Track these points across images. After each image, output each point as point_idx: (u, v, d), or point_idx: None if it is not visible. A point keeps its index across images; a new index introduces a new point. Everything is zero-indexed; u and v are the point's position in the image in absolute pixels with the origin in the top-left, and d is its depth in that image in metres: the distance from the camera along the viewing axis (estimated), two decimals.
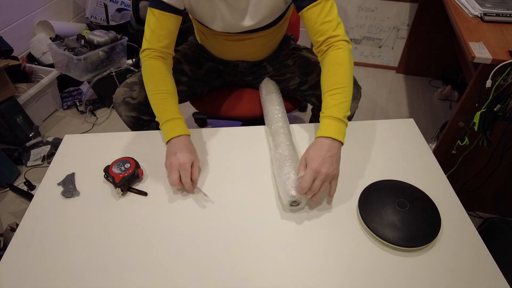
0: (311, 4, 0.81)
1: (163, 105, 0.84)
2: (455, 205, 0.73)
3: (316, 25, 0.82)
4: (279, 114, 0.92)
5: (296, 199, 0.70)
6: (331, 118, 0.74)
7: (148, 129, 1.05)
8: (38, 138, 1.79)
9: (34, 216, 0.75)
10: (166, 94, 0.85)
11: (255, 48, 1.07)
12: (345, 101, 0.76)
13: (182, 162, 0.75)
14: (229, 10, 0.90)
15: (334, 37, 0.81)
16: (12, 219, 1.46)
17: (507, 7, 1.13)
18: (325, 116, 0.75)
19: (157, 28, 0.87)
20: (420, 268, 0.63)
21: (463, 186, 1.32)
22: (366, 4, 2.07)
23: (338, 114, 0.74)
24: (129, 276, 0.64)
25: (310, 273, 0.63)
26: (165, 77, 0.88)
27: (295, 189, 0.70)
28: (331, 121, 0.74)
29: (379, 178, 0.78)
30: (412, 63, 2.22)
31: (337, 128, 0.74)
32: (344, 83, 0.78)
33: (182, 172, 0.75)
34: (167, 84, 0.87)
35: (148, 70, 0.88)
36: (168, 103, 0.85)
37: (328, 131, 0.73)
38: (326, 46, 0.82)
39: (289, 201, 0.71)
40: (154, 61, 0.88)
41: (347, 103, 0.76)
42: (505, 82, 0.96)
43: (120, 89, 1.01)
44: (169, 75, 0.89)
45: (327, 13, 0.81)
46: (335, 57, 0.80)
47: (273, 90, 1.04)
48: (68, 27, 2.16)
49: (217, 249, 0.67)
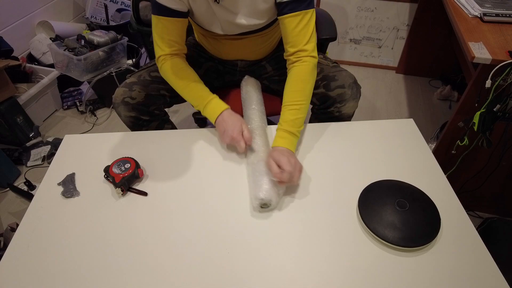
0: (291, 13, 0.85)
1: (195, 93, 0.92)
2: (454, 205, 0.74)
3: (291, 35, 0.87)
4: (256, 114, 0.94)
5: (266, 202, 0.72)
6: (286, 132, 0.83)
7: (147, 129, 1.05)
8: (38, 138, 1.79)
9: (34, 216, 0.75)
10: (193, 84, 0.92)
11: (254, 47, 1.07)
12: (301, 117, 0.85)
13: (232, 137, 0.83)
14: (224, 13, 0.91)
15: (303, 51, 0.87)
16: (12, 219, 1.46)
17: (506, 7, 1.13)
18: (281, 129, 0.84)
19: (166, 34, 0.90)
20: (420, 268, 0.63)
21: (463, 186, 1.32)
22: (366, 4, 2.08)
23: (292, 129, 0.83)
24: (129, 276, 0.64)
25: (310, 273, 0.63)
26: (184, 71, 0.93)
27: (264, 191, 0.72)
28: (286, 134, 0.83)
29: (379, 178, 0.78)
30: (411, 63, 2.23)
31: (290, 141, 0.82)
32: (302, 100, 0.86)
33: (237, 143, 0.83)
34: (190, 75, 0.93)
35: (168, 71, 0.93)
36: (198, 91, 0.92)
37: (283, 143, 0.82)
38: (295, 57, 0.88)
39: (259, 204, 0.72)
40: (170, 61, 0.93)
41: (302, 119, 0.86)
42: (505, 82, 0.97)
43: (119, 89, 1.01)
44: (186, 67, 0.95)
45: (303, 26, 0.85)
46: (300, 72, 0.88)
47: (253, 89, 1.04)
48: (68, 27, 2.16)
49: (217, 249, 0.67)
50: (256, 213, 0.74)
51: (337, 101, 0.98)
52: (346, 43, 2.29)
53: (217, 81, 1.21)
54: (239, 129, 0.84)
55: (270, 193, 0.72)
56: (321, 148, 0.88)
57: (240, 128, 0.84)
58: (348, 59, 2.37)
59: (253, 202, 0.74)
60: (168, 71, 0.93)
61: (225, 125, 0.85)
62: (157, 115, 1.06)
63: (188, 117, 1.96)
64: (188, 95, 0.93)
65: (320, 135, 0.92)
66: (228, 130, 0.84)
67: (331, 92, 0.98)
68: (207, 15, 0.93)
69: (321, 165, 0.84)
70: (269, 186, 0.73)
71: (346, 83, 0.98)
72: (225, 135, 0.85)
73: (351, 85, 0.98)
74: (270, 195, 0.72)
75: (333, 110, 1.01)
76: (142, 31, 1.93)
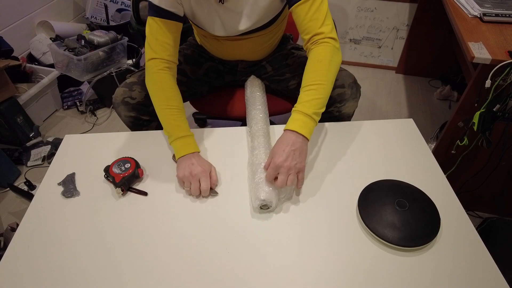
0: (300, 1, 0.82)
1: (175, 121, 0.85)
2: (454, 205, 0.74)
3: (304, 22, 0.83)
4: (260, 115, 0.92)
5: (266, 203, 0.71)
6: (300, 113, 0.76)
7: (147, 129, 1.05)
8: (38, 138, 1.79)
9: (35, 216, 0.75)
10: (176, 110, 0.86)
11: (254, 48, 1.07)
12: (318, 98, 0.78)
13: (202, 170, 0.77)
14: (227, 13, 0.91)
15: (319, 35, 0.82)
16: (12, 219, 1.46)
17: (506, 7, 1.13)
18: (295, 111, 0.78)
19: (160, 35, 0.87)
20: (419, 268, 0.63)
21: (463, 186, 1.32)
22: (366, 5, 2.08)
23: (307, 110, 0.76)
24: (129, 275, 0.64)
25: (310, 273, 0.63)
26: (174, 91, 0.88)
27: (265, 192, 0.71)
28: (299, 116, 0.76)
29: (378, 178, 0.78)
30: (411, 63, 2.23)
31: (303, 123, 0.75)
32: (320, 80, 0.79)
33: (203, 179, 0.77)
34: (176, 99, 0.88)
35: (157, 83, 0.88)
36: (178, 119, 0.86)
37: (294, 125, 0.75)
38: (312, 43, 0.83)
39: (259, 205, 0.72)
40: (163, 74, 0.88)
41: (319, 100, 0.78)
42: (504, 82, 0.97)
43: (119, 89, 1.01)
44: (177, 89, 0.90)
45: (315, 11, 0.81)
46: (316, 54, 0.81)
47: (258, 89, 1.03)
48: (68, 27, 2.16)
49: (217, 249, 0.67)
50: (256, 213, 0.74)
51: (337, 101, 0.99)
52: (346, 43, 2.29)
53: (217, 81, 1.21)
54: (209, 166, 0.81)
55: (271, 194, 0.72)
56: (321, 148, 0.88)
57: (210, 167, 0.81)
58: (348, 59, 2.37)
59: (253, 203, 0.74)
60: (158, 83, 0.87)
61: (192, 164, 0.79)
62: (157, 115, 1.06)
63: (188, 117, 1.96)
64: (166, 117, 0.86)
65: (320, 135, 0.92)
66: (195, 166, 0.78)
67: (331, 91, 0.98)
68: (210, 17, 0.93)
69: (321, 165, 0.84)
70: (270, 187, 0.73)
71: (346, 83, 0.98)
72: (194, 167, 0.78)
73: (351, 85, 0.98)
74: (271, 196, 0.72)
75: (333, 110, 1.01)
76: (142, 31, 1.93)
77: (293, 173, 0.72)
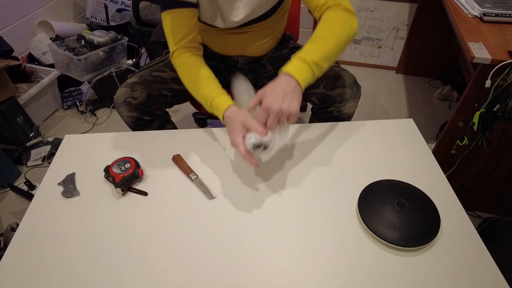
0: None
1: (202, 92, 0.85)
2: (454, 205, 0.74)
3: None
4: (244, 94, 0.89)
5: (257, 142, 0.68)
6: (298, 59, 0.73)
7: (149, 129, 1.05)
8: (38, 138, 1.80)
9: (34, 216, 0.75)
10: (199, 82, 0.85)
11: (256, 42, 1.06)
12: (320, 50, 0.74)
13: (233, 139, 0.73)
14: (228, 1, 0.90)
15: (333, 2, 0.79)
16: (12, 219, 1.46)
17: (506, 7, 1.13)
18: (294, 56, 0.74)
19: (177, 27, 0.87)
20: (419, 268, 0.63)
21: (463, 186, 1.32)
22: (366, 5, 2.08)
23: (306, 56, 0.73)
24: (129, 275, 0.64)
25: (310, 273, 0.63)
26: (195, 68, 0.88)
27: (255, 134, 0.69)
28: (297, 61, 0.73)
29: (378, 178, 0.78)
30: (411, 63, 2.23)
31: (300, 68, 0.72)
32: (326, 36, 0.76)
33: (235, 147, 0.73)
34: (199, 73, 0.87)
35: (179, 69, 0.89)
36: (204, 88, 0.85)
37: (289, 68, 0.72)
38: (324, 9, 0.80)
39: (251, 144, 0.69)
40: (181, 58, 0.88)
41: (321, 53, 0.74)
42: (505, 82, 0.97)
43: (121, 90, 1.01)
44: (198, 63, 0.89)
45: None
46: (327, 16, 0.78)
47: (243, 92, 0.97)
48: (68, 27, 2.16)
49: (217, 249, 0.67)
50: (256, 213, 0.74)
51: (337, 100, 0.99)
52: None
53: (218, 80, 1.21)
54: (238, 130, 0.73)
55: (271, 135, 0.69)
56: (321, 148, 0.88)
57: (239, 129, 0.73)
58: (348, 59, 2.37)
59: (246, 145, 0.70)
60: (179, 69, 0.89)
61: (228, 127, 0.78)
62: (158, 115, 1.06)
63: (188, 117, 1.96)
64: (196, 95, 0.87)
65: (320, 135, 0.92)
66: (229, 132, 0.77)
67: (331, 91, 0.98)
68: (210, 8, 0.92)
69: (321, 165, 0.84)
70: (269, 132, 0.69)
71: (346, 82, 0.98)
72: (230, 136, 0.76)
73: (351, 85, 0.98)
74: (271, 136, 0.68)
75: (333, 110, 1.01)
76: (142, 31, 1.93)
77: (284, 116, 0.69)
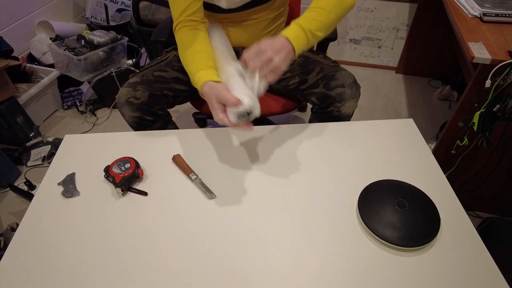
0: None
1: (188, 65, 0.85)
2: (454, 205, 0.74)
3: None
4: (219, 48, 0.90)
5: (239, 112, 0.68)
6: (298, 25, 0.76)
7: (151, 129, 1.05)
8: (38, 138, 1.80)
9: (34, 216, 0.75)
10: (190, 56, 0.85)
11: (257, 32, 1.06)
12: (318, 20, 0.78)
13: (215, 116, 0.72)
14: None
15: None
16: (12, 219, 1.46)
17: (506, 7, 1.13)
18: (293, 22, 0.77)
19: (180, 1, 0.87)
20: (419, 268, 0.63)
21: (463, 186, 1.32)
22: (366, 5, 2.08)
23: (304, 24, 0.76)
24: (129, 276, 0.64)
25: (309, 273, 0.63)
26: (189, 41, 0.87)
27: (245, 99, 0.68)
28: (296, 27, 0.76)
29: (378, 178, 0.78)
30: (411, 63, 2.23)
31: (297, 35, 0.75)
32: (324, 6, 0.79)
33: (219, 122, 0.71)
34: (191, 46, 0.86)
35: (178, 46, 0.89)
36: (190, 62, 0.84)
37: (288, 33, 0.75)
38: None
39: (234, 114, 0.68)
40: (180, 32, 0.88)
41: (319, 22, 0.78)
42: (504, 82, 0.97)
43: (123, 89, 1.01)
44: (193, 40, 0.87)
45: None
46: None
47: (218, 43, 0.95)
48: (68, 27, 2.16)
49: (216, 249, 0.67)
50: (256, 213, 0.74)
51: (337, 100, 0.99)
52: (346, 43, 2.29)
53: None
54: (215, 106, 0.71)
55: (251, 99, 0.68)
56: (320, 148, 0.88)
57: (216, 105, 0.71)
58: (348, 59, 2.37)
59: (229, 115, 0.70)
60: (178, 46, 0.90)
61: (208, 103, 0.76)
62: (160, 115, 1.06)
63: (188, 117, 1.96)
64: (186, 68, 0.86)
65: (319, 135, 0.92)
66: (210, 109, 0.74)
67: (331, 91, 0.98)
68: None
69: (320, 165, 0.84)
70: (248, 92, 0.69)
71: (346, 82, 0.98)
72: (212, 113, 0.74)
73: (350, 85, 0.98)
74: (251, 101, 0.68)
75: (332, 110, 1.01)
76: (142, 31, 1.93)
77: (270, 66, 0.70)
